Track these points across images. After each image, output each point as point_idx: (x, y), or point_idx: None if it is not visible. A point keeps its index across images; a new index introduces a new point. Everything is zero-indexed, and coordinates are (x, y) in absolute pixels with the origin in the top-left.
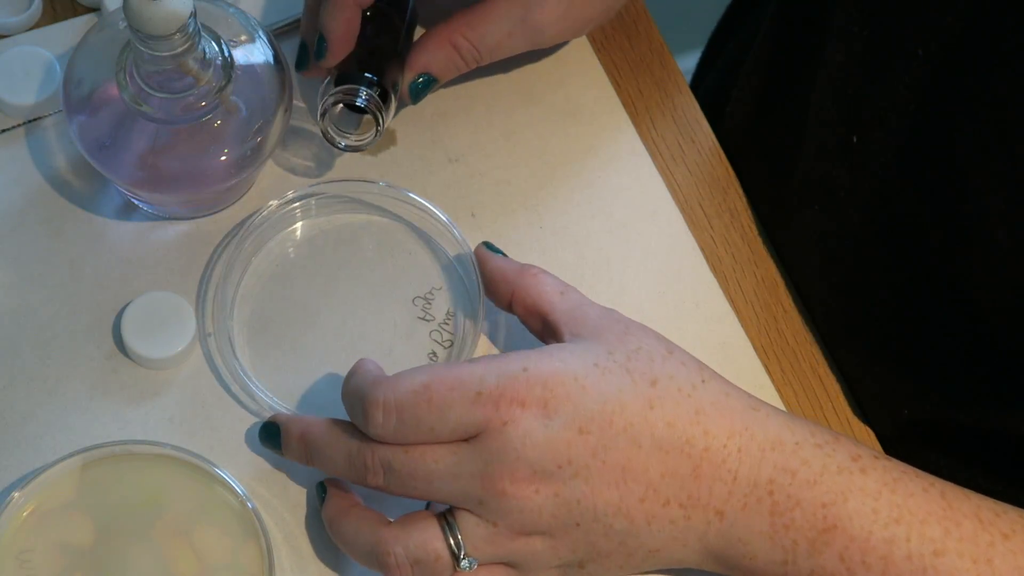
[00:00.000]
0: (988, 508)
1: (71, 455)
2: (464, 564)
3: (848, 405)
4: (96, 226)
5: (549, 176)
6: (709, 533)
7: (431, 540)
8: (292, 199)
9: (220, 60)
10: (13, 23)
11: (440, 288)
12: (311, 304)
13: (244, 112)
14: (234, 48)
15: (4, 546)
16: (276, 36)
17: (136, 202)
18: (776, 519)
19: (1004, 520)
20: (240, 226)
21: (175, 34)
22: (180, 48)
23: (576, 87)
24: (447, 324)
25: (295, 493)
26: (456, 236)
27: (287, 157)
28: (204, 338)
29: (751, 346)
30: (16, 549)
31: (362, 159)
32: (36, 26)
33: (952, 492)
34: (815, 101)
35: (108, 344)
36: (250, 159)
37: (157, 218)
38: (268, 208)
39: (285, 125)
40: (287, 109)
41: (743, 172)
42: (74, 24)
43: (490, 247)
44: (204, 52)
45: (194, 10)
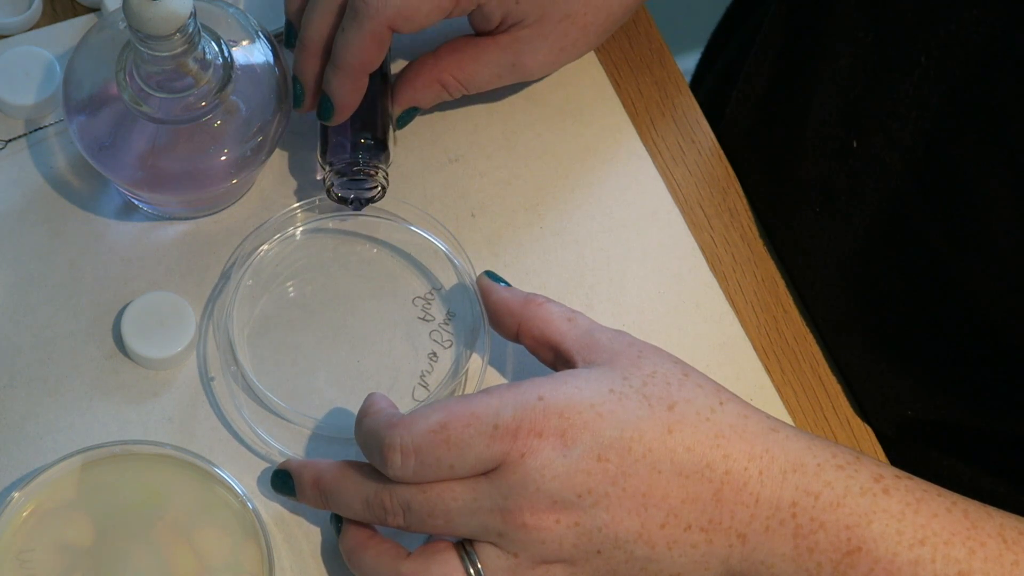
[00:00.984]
0: (1012, 527)
1: (71, 455)
2: None
3: (848, 405)
4: (96, 226)
5: (549, 176)
6: (732, 557)
7: (451, 573)
8: (294, 206)
9: (220, 60)
10: (13, 23)
11: (440, 289)
12: (311, 304)
13: (244, 112)
14: (234, 48)
15: (4, 546)
16: (279, 41)
17: (136, 202)
18: (800, 542)
19: None
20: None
21: (175, 34)
22: (180, 48)
23: (576, 87)
24: (447, 325)
25: None
26: (456, 236)
27: (287, 158)
28: (208, 382)
29: (751, 346)
30: (16, 549)
31: None
32: (36, 26)
33: (975, 511)
34: (816, 104)
35: (108, 344)
36: (250, 159)
37: (157, 218)
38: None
39: (285, 125)
40: (287, 109)
41: (743, 172)
42: (74, 24)
43: (492, 276)
44: (204, 52)
45: (194, 10)
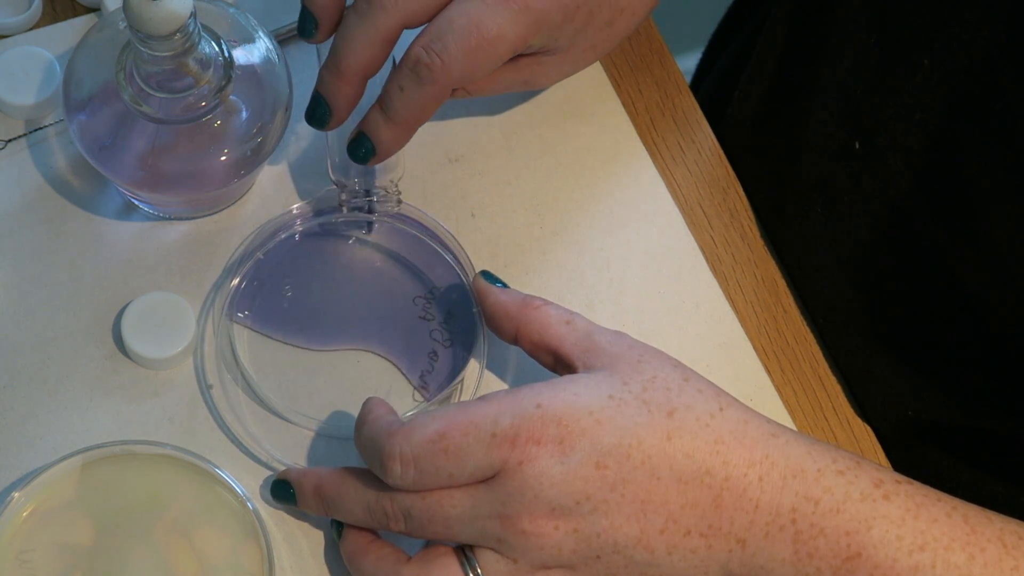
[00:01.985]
0: (1011, 532)
1: (71, 455)
2: None
3: (848, 405)
4: (96, 226)
5: (549, 176)
6: (731, 562)
7: None
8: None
9: (220, 60)
10: (13, 23)
11: (441, 288)
12: (312, 303)
13: (244, 112)
14: (234, 48)
15: (4, 546)
16: (279, 41)
17: (136, 202)
18: (799, 547)
19: None
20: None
21: (175, 34)
22: (180, 48)
23: (576, 87)
24: (447, 324)
25: None
26: (457, 235)
27: (287, 158)
28: (207, 390)
29: (751, 346)
30: (16, 549)
31: None
32: (36, 26)
33: (975, 516)
34: (818, 104)
35: (108, 344)
36: (250, 159)
37: (157, 218)
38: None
39: (285, 125)
40: (287, 109)
41: (744, 173)
42: (74, 24)
43: (488, 277)
44: (204, 52)
45: (194, 10)
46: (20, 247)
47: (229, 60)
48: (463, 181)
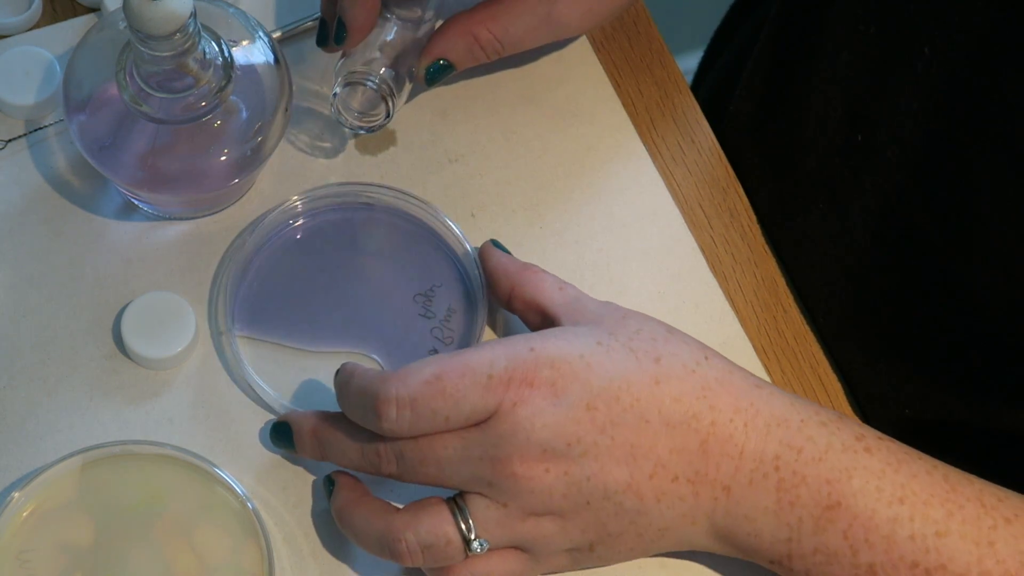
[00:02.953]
0: (991, 493)
1: (71, 455)
2: (475, 546)
3: (848, 405)
4: (96, 226)
5: (549, 176)
6: (716, 511)
7: (441, 524)
8: (294, 200)
9: (220, 60)
10: (13, 23)
11: (441, 285)
12: (312, 302)
13: (244, 112)
14: (234, 48)
15: (4, 546)
16: (280, 42)
17: (136, 202)
18: (782, 495)
19: (1007, 505)
20: (244, 229)
21: (175, 34)
22: (180, 48)
23: (576, 87)
24: (448, 321)
25: (295, 493)
26: (457, 234)
27: (288, 157)
28: (216, 335)
29: (751, 346)
30: (16, 549)
31: (362, 159)
32: (36, 26)
33: (955, 475)
34: (818, 100)
35: (108, 344)
36: (250, 159)
37: (157, 218)
38: (271, 212)
39: (285, 125)
40: (287, 109)
41: (744, 172)
42: (74, 24)
43: (496, 244)
44: (204, 52)
45: (194, 10)
46: (20, 247)
47: (229, 60)
48: (463, 181)
